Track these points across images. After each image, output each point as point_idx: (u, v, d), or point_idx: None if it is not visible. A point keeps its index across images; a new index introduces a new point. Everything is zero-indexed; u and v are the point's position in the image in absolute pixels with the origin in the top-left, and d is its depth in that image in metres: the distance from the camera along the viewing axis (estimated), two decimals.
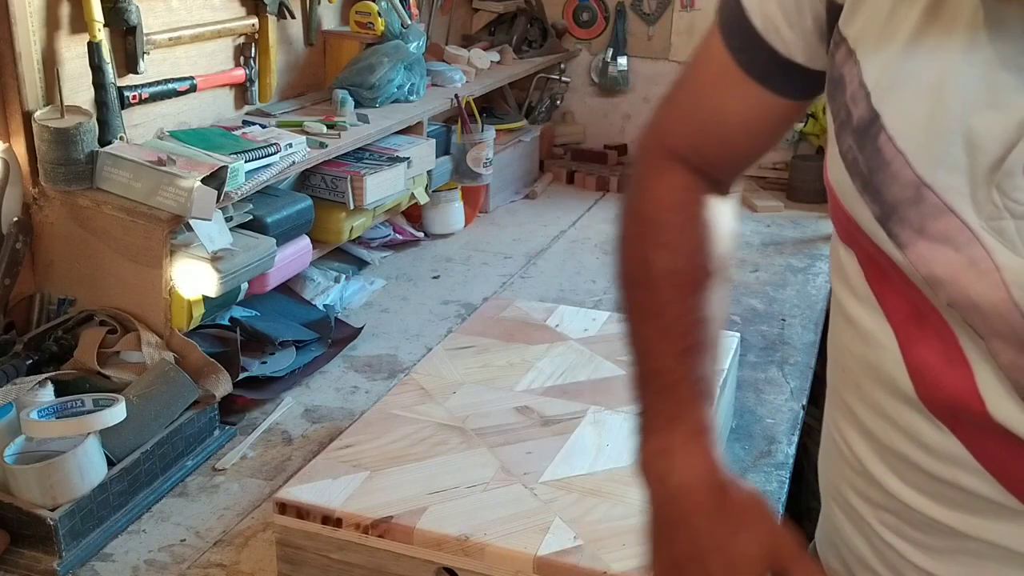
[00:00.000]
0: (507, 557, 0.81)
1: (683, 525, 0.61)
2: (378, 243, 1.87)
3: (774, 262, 1.92)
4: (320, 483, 0.90)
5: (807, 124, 2.39)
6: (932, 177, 0.46)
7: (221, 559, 0.99)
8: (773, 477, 1.17)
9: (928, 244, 0.47)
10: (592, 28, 2.55)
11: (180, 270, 1.23)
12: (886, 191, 0.49)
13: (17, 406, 1.03)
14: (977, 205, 0.45)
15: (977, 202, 0.45)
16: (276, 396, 1.31)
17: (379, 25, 1.79)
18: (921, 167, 0.47)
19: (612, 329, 1.26)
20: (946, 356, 0.49)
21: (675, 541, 0.62)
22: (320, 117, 1.64)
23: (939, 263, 0.47)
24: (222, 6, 1.55)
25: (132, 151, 1.25)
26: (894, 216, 0.48)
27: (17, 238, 1.22)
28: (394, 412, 1.04)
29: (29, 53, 1.20)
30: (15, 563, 0.97)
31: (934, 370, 0.50)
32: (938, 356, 0.49)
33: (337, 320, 1.52)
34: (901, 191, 0.48)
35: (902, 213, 0.48)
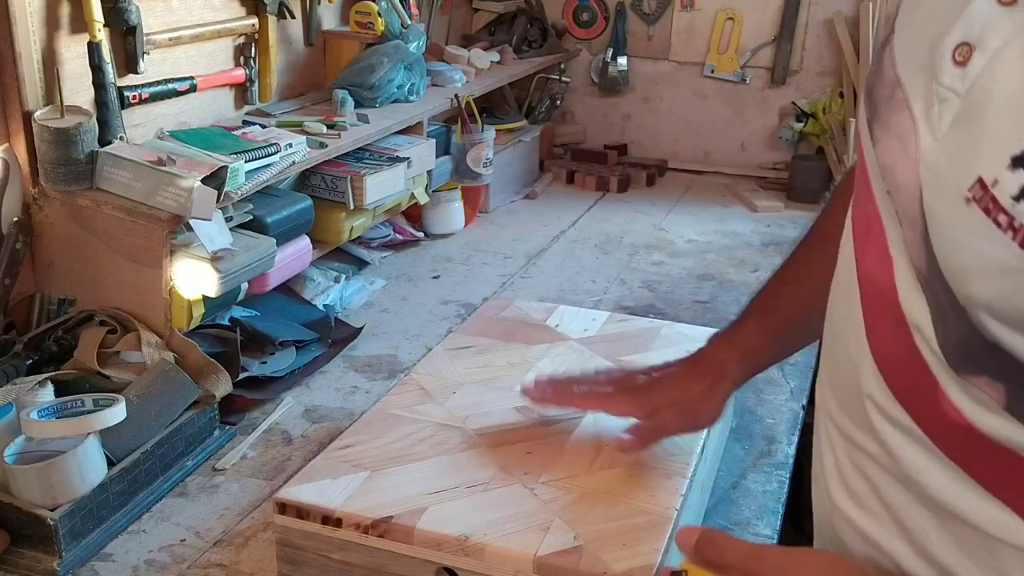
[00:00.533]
0: (507, 557, 0.81)
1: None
2: (378, 243, 1.87)
3: (774, 262, 1.90)
4: (320, 483, 0.90)
5: (807, 124, 2.39)
6: (903, 75, 0.49)
7: (221, 559, 0.99)
8: (773, 477, 1.17)
9: (888, 140, 0.49)
10: (592, 28, 2.55)
11: (180, 270, 1.23)
12: (876, 93, 0.52)
13: (17, 406, 1.03)
14: (924, 98, 0.47)
15: (925, 95, 0.47)
16: (276, 396, 1.31)
17: (379, 25, 1.79)
18: (900, 67, 0.50)
19: (612, 329, 1.26)
20: (879, 257, 0.51)
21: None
22: (320, 117, 1.64)
23: (889, 153, 0.49)
24: (222, 6, 1.55)
25: (132, 151, 1.25)
26: (876, 115, 0.51)
27: (17, 238, 1.22)
28: (394, 412, 1.04)
29: (29, 53, 1.21)
30: (15, 563, 0.97)
31: (871, 272, 0.53)
32: (875, 260, 0.52)
33: (337, 320, 1.52)
34: (884, 90, 0.51)
35: (880, 111, 0.51)
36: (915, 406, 0.50)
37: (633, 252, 1.95)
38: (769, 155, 2.50)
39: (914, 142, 0.47)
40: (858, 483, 0.55)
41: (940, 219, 0.45)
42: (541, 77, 2.46)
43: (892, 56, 0.51)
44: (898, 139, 0.48)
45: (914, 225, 0.47)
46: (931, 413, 0.48)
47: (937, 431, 0.48)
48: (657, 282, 1.80)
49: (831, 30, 2.37)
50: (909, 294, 0.49)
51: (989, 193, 0.41)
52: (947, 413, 0.47)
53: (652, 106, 2.58)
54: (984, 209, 0.42)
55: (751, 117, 2.50)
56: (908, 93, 0.48)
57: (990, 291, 0.42)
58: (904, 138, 0.48)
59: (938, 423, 0.48)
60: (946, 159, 0.45)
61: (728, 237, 2.07)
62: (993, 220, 0.41)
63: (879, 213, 0.52)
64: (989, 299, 0.42)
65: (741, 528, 1.07)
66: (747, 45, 2.45)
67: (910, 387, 0.50)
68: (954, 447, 0.48)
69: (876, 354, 0.52)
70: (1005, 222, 0.41)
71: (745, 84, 2.47)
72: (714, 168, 2.55)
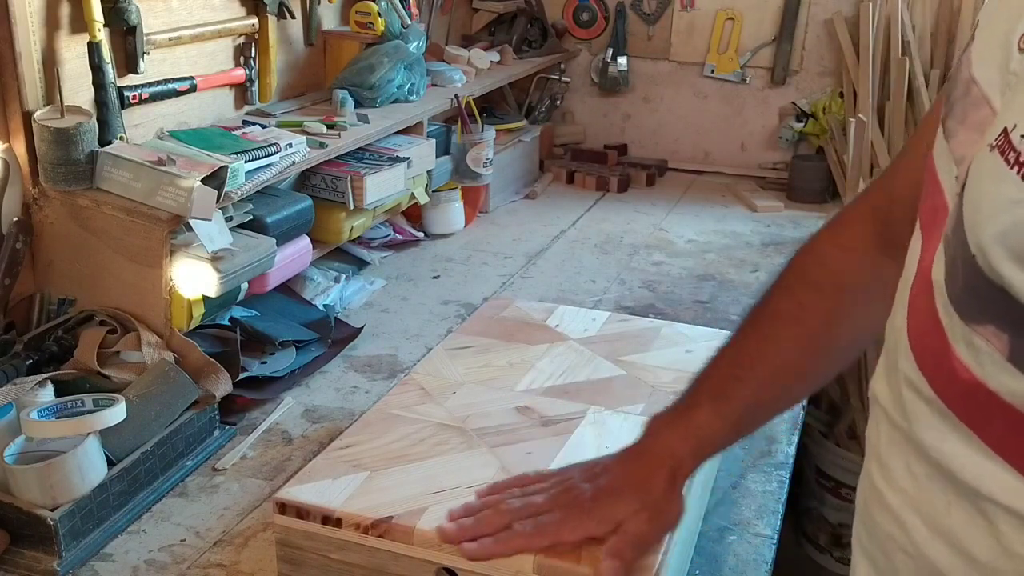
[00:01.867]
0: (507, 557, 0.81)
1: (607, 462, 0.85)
2: (378, 243, 1.87)
3: (774, 262, 1.92)
4: (320, 483, 0.90)
5: (807, 124, 2.39)
6: (978, 73, 0.52)
7: (221, 559, 0.99)
8: (773, 477, 1.17)
9: (966, 132, 0.52)
10: (592, 28, 2.55)
11: (180, 270, 1.23)
12: (953, 93, 0.55)
13: (17, 406, 1.03)
14: (1000, 92, 0.50)
15: (1001, 90, 0.50)
16: (276, 396, 1.31)
17: (379, 25, 1.79)
18: (975, 67, 0.53)
19: (612, 329, 1.26)
20: (934, 240, 0.54)
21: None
22: (320, 117, 1.64)
23: (965, 144, 0.52)
24: (222, 6, 1.55)
25: (132, 151, 1.25)
26: (951, 112, 0.54)
27: (17, 238, 1.22)
28: (394, 412, 1.04)
29: (29, 53, 1.21)
30: (15, 563, 0.97)
31: (926, 256, 0.55)
32: (933, 245, 0.54)
33: (337, 320, 1.52)
34: (959, 89, 0.55)
35: (956, 108, 0.54)
36: (931, 368, 0.52)
37: (633, 252, 1.95)
38: (769, 155, 2.50)
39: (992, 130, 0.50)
40: (890, 459, 0.57)
41: (972, 173, 0.48)
42: (541, 77, 2.46)
43: (969, 59, 0.54)
44: (977, 131, 0.51)
45: (958, 191, 0.50)
46: (944, 373, 0.50)
47: (950, 393, 0.50)
48: (657, 282, 1.80)
49: (831, 30, 2.37)
50: (937, 261, 0.51)
51: (1008, 137, 0.45)
52: (957, 371, 0.49)
53: (652, 106, 2.58)
54: (1000, 152, 0.45)
55: (751, 117, 2.50)
56: (985, 89, 0.52)
57: (997, 228, 0.45)
58: (984, 130, 0.50)
59: (950, 384, 0.50)
60: (995, 128, 0.48)
61: (728, 237, 2.07)
62: (1005, 159, 0.45)
63: (946, 204, 0.54)
64: (995, 237, 0.45)
65: (741, 528, 1.07)
66: (747, 45, 2.45)
67: (928, 351, 0.52)
68: (966, 410, 0.49)
69: (909, 328, 0.55)
70: (1013, 159, 0.44)
71: (745, 84, 2.47)
72: (714, 168, 2.55)
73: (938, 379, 0.51)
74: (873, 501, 0.59)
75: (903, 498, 0.55)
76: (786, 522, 1.15)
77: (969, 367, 0.48)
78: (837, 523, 2.16)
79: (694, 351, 1.20)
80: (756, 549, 1.03)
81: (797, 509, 2.25)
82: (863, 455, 0.64)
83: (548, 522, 0.81)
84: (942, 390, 0.51)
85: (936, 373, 0.51)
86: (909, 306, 0.56)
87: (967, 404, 0.49)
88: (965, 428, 0.49)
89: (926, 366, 0.52)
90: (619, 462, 0.84)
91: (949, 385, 0.50)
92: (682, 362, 1.17)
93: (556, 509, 0.81)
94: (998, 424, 0.48)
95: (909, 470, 0.54)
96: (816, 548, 2.23)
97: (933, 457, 0.52)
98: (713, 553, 1.02)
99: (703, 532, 1.05)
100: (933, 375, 0.52)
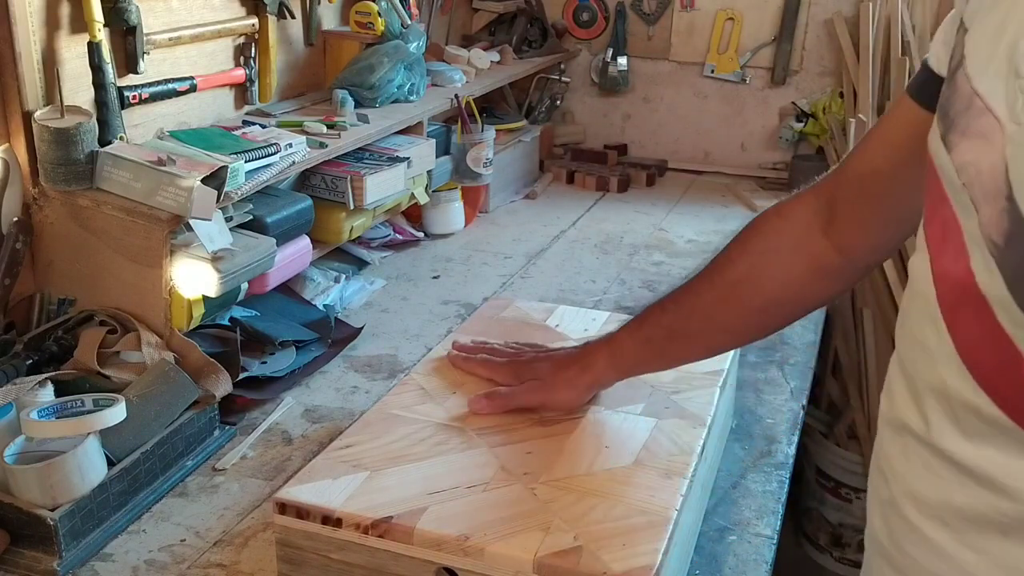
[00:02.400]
0: (507, 557, 0.81)
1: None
2: (378, 243, 1.87)
3: None
4: (320, 483, 0.90)
5: (807, 124, 2.39)
6: (980, 87, 0.53)
7: (221, 559, 0.99)
8: (773, 477, 1.17)
9: (968, 142, 0.53)
10: (592, 28, 2.55)
11: (180, 270, 1.23)
12: (951, 107, 0.56)
13: (17, 406, 1.03)
14: (1008, 99, 0.51)
15: (1008, 96, 0.51)
16: (276, 396, 1.31)
17: (379, 25, 1.79)
18: (975, 81, 0.54)
19: (612, 329, 1.26)
20: (955, 255, 0.54)
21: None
22: (320, 117, 1.64)
23: (970, 152, 0.53)
24: (222, 6, 1.55)
25: (132, 151, 1.25)
26: (952, 127, 0.55)
27: (17, 238, 1.22)
28: (394, 412, 1.04)
29: (29, 53, 1.21)
30: (15, 563, 0.97)
31: (948, 271, 0.55)
32: (951, 259, 0.54)
33: (337, 320, 1.52)
34: (960, 103, 0.54)
35: (957, 121, 0.54)
36: (996, 384, 0.51)
37: (633, 252, 1.95)
38: (769, 155, 2.50)
39: (1000, 135, 0.50)
40: (931, 490, 0.56)
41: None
42: (541, 77, 2.46)
43: (966, 75, 0.55)
44: (981, 138, 0.52)
45: (996, 199, 0.50)
46: (1015, 387, 0.50)
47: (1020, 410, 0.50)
48: (657, 282, 1.80)
49: (831, 30, 2.37)
50: (985, 276, 0.51)
51: None
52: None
53: (652, 106, 2.58)
54: None
55: (751, 117, 2.50)
56: (988, 101, 0.52)
57: None
58: (989, 136, 0.51)
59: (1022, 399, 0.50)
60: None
61: (728, 237, 2.05)
62: None
63: (954, 214, 0.54)
64: None
65: (741, 528, 1.07)
66: (747, 45, 2.45)
67: (994, 367, 0.51)
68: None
69: (960, 345, 0.54)
70: None
71: (745, 84, 2.47)
72: (714, 168, 2.55)
73: (1006, 395, 0.50)
74: (906, 537, 0.57)
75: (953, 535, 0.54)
76: (786, 522, 1.15)
77: None
78: (837, 523, 2.15)
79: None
80: (756, 549, 1.03)
81: (797, 509, 2.25)
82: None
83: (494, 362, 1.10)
84: (1011, 406, 0.50)
85: (1004, 390, 0.50)
86: (948, 322, 0.55)
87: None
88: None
89: (989, 383, 0.51)
90: (562, 350, 1.08)
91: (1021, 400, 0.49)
92: None
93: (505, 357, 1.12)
94: None
95: (957, 504, 0.53)
96: (816, 548, 2.23)
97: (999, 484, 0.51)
98: (713, 553, 1.02)
99: (703, 532, 1.05)
100: (1000, 392, 0.51)
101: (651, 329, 0.98)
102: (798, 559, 2.25)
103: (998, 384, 0.51)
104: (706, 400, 1.08)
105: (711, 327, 0.95)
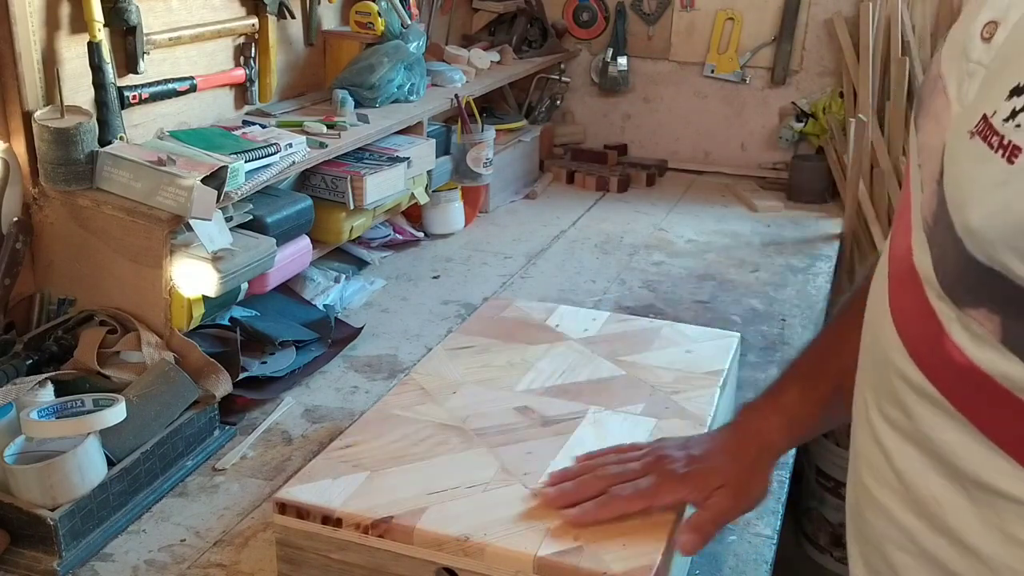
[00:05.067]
0: (507, 557, 0.81)
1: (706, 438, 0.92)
2: (378, 243, 1.87)
3: (774, 262, 1.92)
4: (320, 483, 0.90)
5: (807, 124, 2.39)
6: (944, 68, 0.54)
7: (221, 559, 0.99)
8: (773, 477, 1.17)
9: (927, 122, 0.54)
10: (592, 28, 2.55)
11: (180, 270, 1.23)
12: (923, 90, 0.57)
13: (17, 406, 1.03)
14: (957, 79, 0.52)
15: (957, 77, 0.52)
16: (276, 396, 1.31)
17: (379, 25, 1.79)
18: (943, 64, 0.55)
19: (612, 329, 1.26)
20: (903, 230, 0.55)
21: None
22: (320, 117, 1.64)
23: (924, 132, 0.54)
24: (222, 6, 1.55)
25: (132, 151, 1.25)
26: (921, 108, 0.56)
27: (17, 238, 1.22)
28: (394, 412, 1.04)
29: (29, 53, 1.20)
30: (15, 563, 0.97)
31: (897, 247, 0.56)
32: (901, 234, 0.55)
33: (337, 320, 1.52)
34: (929, 84, 0.56)
35: (925, 103, 0.56)
36: (925, 356, 0.52)
37: (633, 252, 1.95)
38: (769, 155, 2.50)
39: (948, 116, 0.51)
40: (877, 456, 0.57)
41: (952, 161, 0.49)
42: (541, 77, 2.46)
43: (939, 58, 0.56)
44: (934, 119, 0.53)
45: (933, 179, 0.50)
46: (938, 360, 0.50)
47: (945, 379, 0.50)
48: (657, 282, 1.80)
49: (831, 30, 2.36)
50: (919, 251, 0.52)
51: (988, 123, 0.46)
52: (952, 356, 0.49)
53: (652, 106, 2.58)
54: (982, 137, 0.46)
55: (751, 117, 2.50)
56: (946, 81, 0.53)
57: (984, 210, 0.45)
58: (940, 116, 0.52)
59: (945, 369, 0.50)
60: (965, 115, 0.49)
61: (728, 237, 2.07)
62: (987, 143, 0.45)
63: (910, 191, 0.55)
64: (983, 219, 0.45)
65: (741, 528, 1.07)
66: (747, 45, 2.45)
67: (921, 339, 0.52)
68: (961, 397, 0.50)
69: (896, 319, 0.55)
70: (996, 142, 0.45)
71: (745, 84, 2.47)
72: (714, 168, 2.55)
73: (932, 366, 0.51)
74: (865, 501, 0.59)
75: (898, 495, 0.55)
76: (786, 522, 1.15)
77: (964, 349, 0.48)
78: (837, 523, 2.15)
79: (694, 351, 1.20)
80: (756, 549, 1.03)
81: (797, 509, 2.25)
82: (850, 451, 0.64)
83: (645, 487, 0.85)
84: (937, 377, 0.51)
85: (930, 361, 0.52)
86: (891, 298, 0.56)
87: (962, 390, 0.50)
88: (961, 416, 0.50)
89: (919, 354, 0.53)
90: (711, 437, 0.91)
91: (944, 371, 0.50)
92: (682, 362, 1.17)
93: (651, 475, 0.86)
94: (993, 410, 0.48)
95: (903, 465, 0.54)
96: (816, 548, 2.23)
97: (930, 449, 0.52)
98: (713, 553, 1.02)
99: None
100: (927, 363, 0.52)
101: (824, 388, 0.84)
102: (798, 559, 2.25)
103: (925, 356, 0.52)
104: (706, 400, 1.08)
105: None
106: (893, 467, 0.55)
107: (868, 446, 0.58)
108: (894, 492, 0.55)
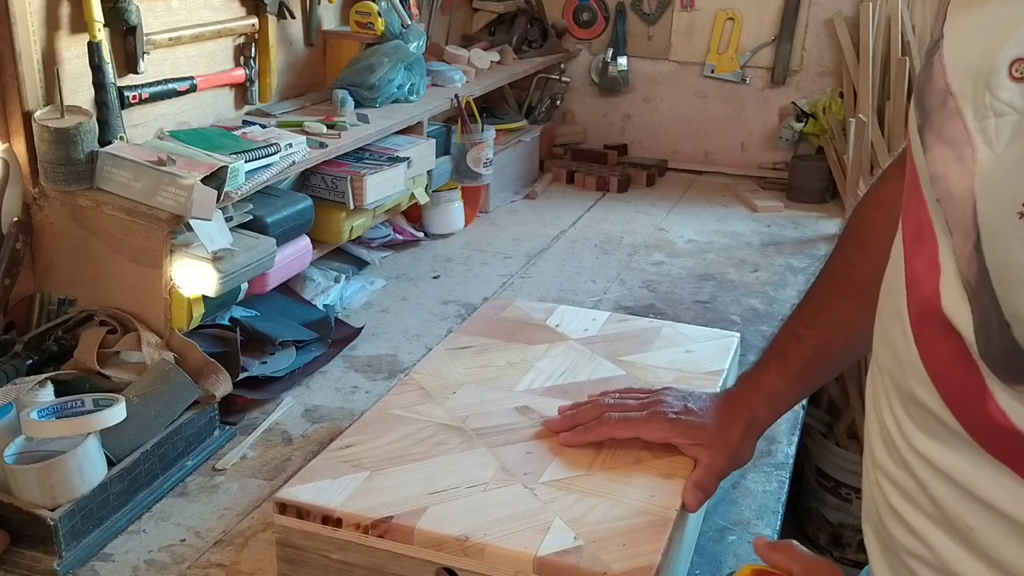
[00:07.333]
0: (507, 557, 0.81)
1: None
2: (378, 243, 1.87)
3: (774, 262, 1.92)
4: (320, 483, 0.90)
5: (807, 124, 2.39)
6: (954, 83, 0.50)
7: (221, 559, 0.99)
8: (773, 477, 1.17)
9: (941, 147, 0.50)
10: (592, 28, 2.55)
11: (180, 270, 1.23)
12: (927, 99, 0.53)
13: (17, 406, 1.03)
14: (975, 108, 0.48)
15: (975, 105, 0.48)
16: (276, 396, 1.31)
17: (379, 25, 1.79)
18: (951, 76, 0.50)
19: (612, 329, 1.26)
20: (928, 264, 0.52)
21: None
22: (320, 117, 1.64)
23: (940, 161, 0.50)
24: (222, 6, 1.55)
25: (132, 151, 1.25)
26: (928, 122, 0.52)
27: (17, 238, 1.22)
28: (394, 412, 1.04)
29: (29, 53, 1.20)
30: (15, 563, 0.97)
31: (919, 277, 0.53)
32: (924, 266, 0.53)
33: (337, 320, 1.52)
34: (935, 98, 0.51)
35: (932, 119, 0.52)
36: (962, 407, 0.50)
37: (633, 252, 1.95)
38: (769, 155, 2.50)
39: (970, 154, 0.48)
40: (906, 479, 0.56)
41: (994, 233, 0.45)
42: (541, 77, 2.46)
43: (943, 64, 0.51)
44: (951, 148, 0.49)
45: (966, 236, 0.47)
46: (979, 416, 0.49)
47: (983, 433, 0.49)
48: (657, 282, 1.80)
49: (831, 30, 2.37)
50: (954, 302, 0.49)
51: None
52: (994, 416, 0.47)
53: (652, 106, 2.58)
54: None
55: (751, 117, 2.50)
56: (959, 102, 0.49)
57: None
58: (958, 148, 0.48)
59: (986, 426, 0.48)
60: (1003, 173, 0.45)
61: (728, 237, 2.07)
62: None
63: (931, 220, 0.52)
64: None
65: (741, 528, 1.07)
66: (747, 45, 2.45)
67: (958, 390, 0.50)
68: (1001, 450, 0.48)
69: (925, 359, 0.53)
70: None
71: (745, 84, 2.47)
72: (714, 168, 2.55)
73: (971, 419, 0.49)
74: (890, 518, 0.58)
75: (925, 517, 0.54)
76: (786, 522, 1.15)
77: (1008, 415, 0.46)
78: (837, 523, 2.15)
79: (694, 351, 1.20)
80: None
81: (797, 509, 2.25)
82: (863, 455, 0.63)
83: (634, 418, 0.95)
84: (974, 429, 0.49)
85: (969, 413, 0.50)
86: (915, 332, 0.54)
87: (1003, 446, 0.48)
88: (998, 463, 0.48)
89: (955, 403, 0.50)
90: (712, 398, 0.98)
91: (983, 426, 0.49)
92: (682, 362, 1.17)
93: (644, 411, 0.96)
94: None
95: (931, 492, 0.53)
96: (816, 548, 2.23)
97: (960, 484, 0.51)
98: (713, 553, 1.02)
99: (703, 532, 1.05)
100: (964, 414, 0.50)
101: (798, 362, 0.93)
102: None
103: (962, 407, 0.50)
104: None
105: (856, 341, 0.89)
106: (927, 494, 0.54)
107: (897, 471, 0.56)
108: (924, 515, 0.54)
